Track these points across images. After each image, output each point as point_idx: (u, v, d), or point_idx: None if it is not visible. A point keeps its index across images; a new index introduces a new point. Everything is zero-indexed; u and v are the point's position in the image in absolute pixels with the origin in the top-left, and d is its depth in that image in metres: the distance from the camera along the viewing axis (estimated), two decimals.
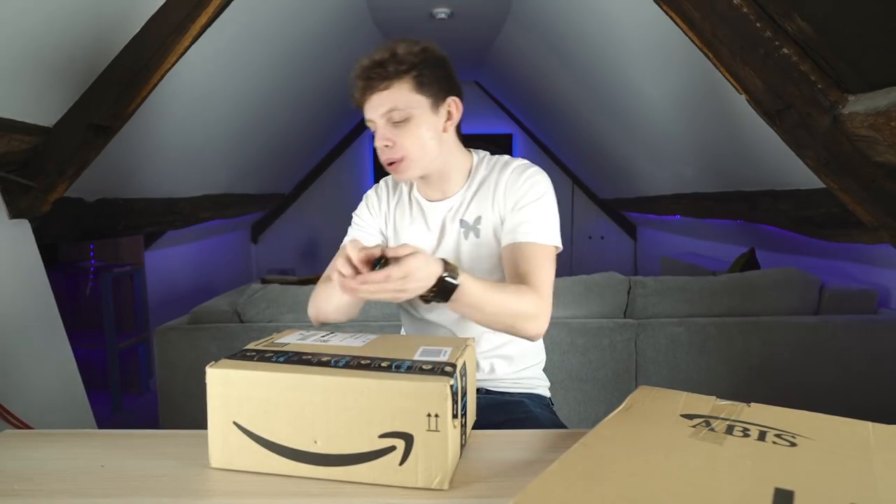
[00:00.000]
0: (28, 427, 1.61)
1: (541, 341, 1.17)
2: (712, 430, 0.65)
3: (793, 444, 0.61)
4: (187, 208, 3.29)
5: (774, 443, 0.62)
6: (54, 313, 1.95)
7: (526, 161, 1.07)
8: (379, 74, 0.96)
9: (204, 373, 0.71)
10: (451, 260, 1.04)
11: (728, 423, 0.67)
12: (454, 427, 0.67)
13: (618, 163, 4.04)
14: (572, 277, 2.12)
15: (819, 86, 1.41)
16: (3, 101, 1.55)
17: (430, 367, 0.70)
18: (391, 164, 1.01)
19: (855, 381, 2.02)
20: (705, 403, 0.74)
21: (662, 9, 1.55)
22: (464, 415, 0.74)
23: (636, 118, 3.06)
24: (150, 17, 1.70)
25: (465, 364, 0.76)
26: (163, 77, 1.81)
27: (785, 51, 1.39)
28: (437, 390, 0.65)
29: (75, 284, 3.22)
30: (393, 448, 0.66)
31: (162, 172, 2.77)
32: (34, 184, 1.80)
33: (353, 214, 1.17)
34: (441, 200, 1.08)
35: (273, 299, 2.07)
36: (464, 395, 0.74)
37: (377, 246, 0.82)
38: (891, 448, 0.61)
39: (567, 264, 5.66)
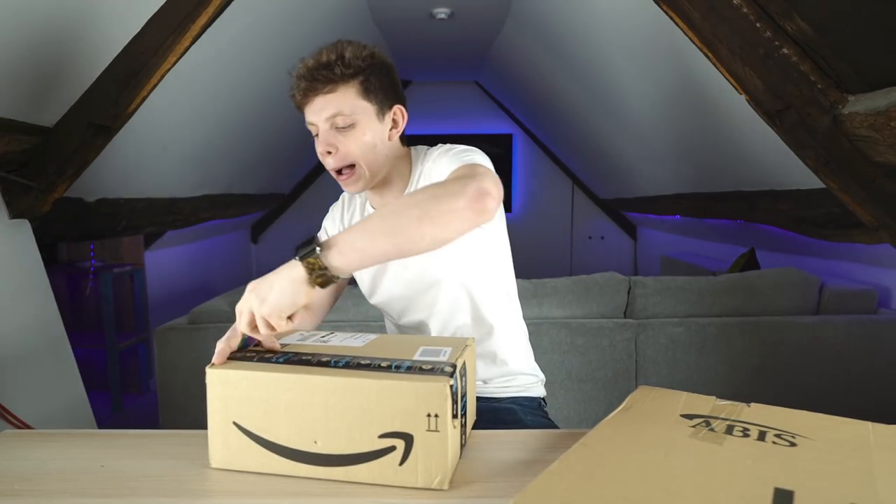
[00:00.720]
0: (28, 427, 1.61)
1: (521, 326, 1.14)
2: (712, 430, 0.65)
3: (793, 444, 0.61)
4: (187, 208, 3.29)
5: (774, 443, 0.62)
6: (54, 313, 1.95)
7: (448, 146, 1.04)
8: (325, 76, 0.93)
9: (204, 373, 0.71)
10: (408, 267, 1.04)
11: (728, 423, 0.67)
12: (454, 427, 0.67)
13: (618, 163, 4.04)
14: (572, 277, 2.12)
15: (819, 86, 1.41)
16: (4, 102, 1.55)
17: (429, 367, 0.70)
18: (341, 173, 0.98)
19: (855, 381, 2.02)
20: (705, 403, 0.74)
21: (662, 9, 1.55)
22: (464, 415, 0.74)
23: (636, 118, 3.06)
24: (150, 17, 1.70)
25: (464, 364, 0.75)
26: (163, 77, 1.81)
27: (785, 51, 1.39)
28: (436, 390, 0.65)
29: (75, 284, 3.22)
30: (393, 448, 0.66)
31: (162, 172, 2.77)
32: (34, 184, 1.81)
33: (322, 227, 1.19)
34: None
35: None
36: (463, 395, 0.74)
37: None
38: (891, 448, 0.61)
39: (567, 264, 5.66)
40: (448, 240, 0.78)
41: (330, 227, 1.18)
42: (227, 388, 0.71)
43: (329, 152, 0.96)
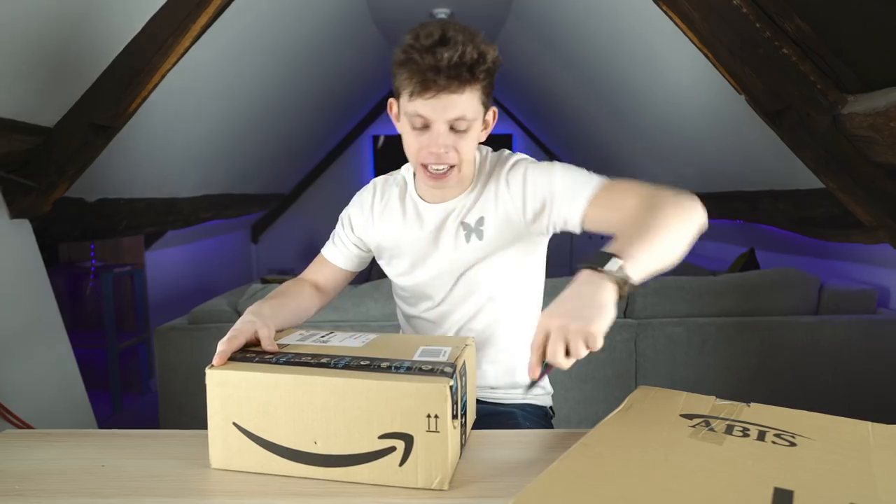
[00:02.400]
0: (29, 427, 1.62)
1: None
2: (712, 429, 0.65)
3: (792, 444, 0.61)
4: (188, 208, 3.29)
5: (774, 442, 0.62)
6: (55, 313, 1.95)
7: (520, 155, 1.04)
8: (460, 76, 0.84)
9: (204, 373, 0.71)
10: (445, 260, 1.02)
11: (728, 422, 0.67)
12: (454, 427, 0.67)
13: (618, 163, 4.04)
14: (572, 277, 2.12)
15: (818, 86, 1.41)
16: (4, 102, 1.55)
17: (429, 367, 0.70)
18: (438, 172, 0.93)
19: (854, 381, 2.02)
20: (705, 403, 0.74)
21: (662, 9, 1.55)
22: (463, 415, 0.74)
23: (636, 118, 3.06)
24: (150, 17, 1.70)
25: (464, 364, 0.76)
26: (163, 77, 1.82)
27: (784, 51, 1.39)
28: (436, 391, 0.65)
29: (76, 284, 3.22)
30: (393, 449, 0.66)
31: (162, 172, 2.77)
32: (35, 184, 1.81)
33: (339, 218, 1.14)
34: (441, 203, 1.03)
35: None
36: (463, 395, 0.74)
37: None
38: (890, 448, 0.61)
39: (567, 264, 5.66)
40: None
41: (356, 216, 1.10)
42: (227, 389, 0.71)
43: (445, 152, 0.91)
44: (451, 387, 0.65)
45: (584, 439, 0.63)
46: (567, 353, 0.66)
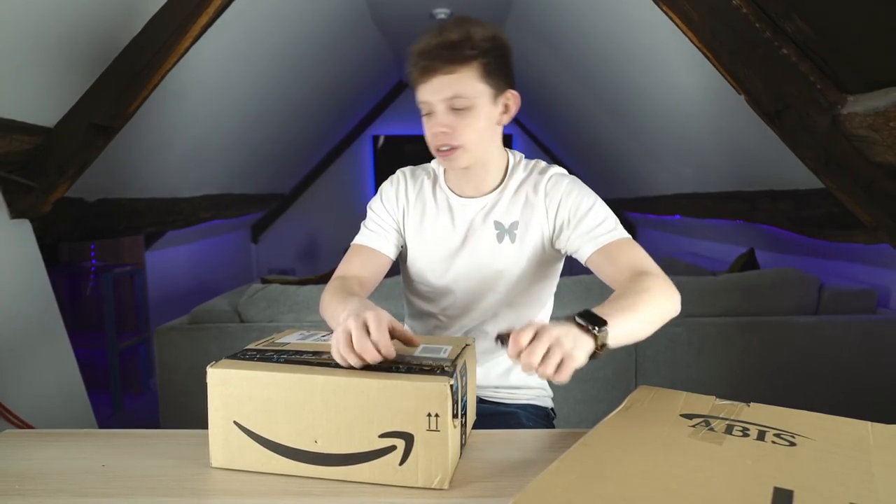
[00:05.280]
0: (29, 426, 1.62)
1: None
2: (712, 429, 0.65)
3: (792, 444, 0.61)
4: (188, 208, 3.29)
5: (774, 442, 0.62)
6: (55, 313, 1.95)
7: (561, 169, 1.04)
8: (449, 56, 0.89)
9: (204, 373, 0.71)
10: (475, 259, 1.02)
11: (727, 422, 0.67)
12: (454, 427, 0.67)
13: (618, 163, 4.04)
14: (572, 277, 2.12)
15: (818, 86, 1.41)
16: (5, 102, 1.55)
17: (429, 366, 0.70)
18: (443, 150, 0.95)
19: (854, 381, 2.02)
20: (705, 403, 0.74)
21: (662, 9, 1.55)
22: (464, 414, 0.74)
23: (636, 118, 3.06)
24: (151, 17, 1.70)
25: (465, 364, 0.76)
26: (164, 77, 1.82)
27: (784, 51, 1.39)
28: (437, 390, 0.65)
29: (76, 284, 3.22)
30: (393, 448, 0.66)
31: (162, 172, 2.77)
32: (35, 184, 1.81)
33: (368, 207, 1.10)
34: (473, 198, 1.03)
35: (273, 299, 2.07)
36: (464, 394, 0.74)
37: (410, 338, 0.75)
38: (890, 448, 0.61)
39: (567, 264, 5.65)
40: None
41: (391, 200, 1.07)
42: (228, 388, 0.71)
43: (445, 132, 0.93)
44: (451, 386, 0.65)
45: (584, 439, 0.63)
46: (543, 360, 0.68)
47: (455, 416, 0.67)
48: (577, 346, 0.68)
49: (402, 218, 1.07)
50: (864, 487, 0.52)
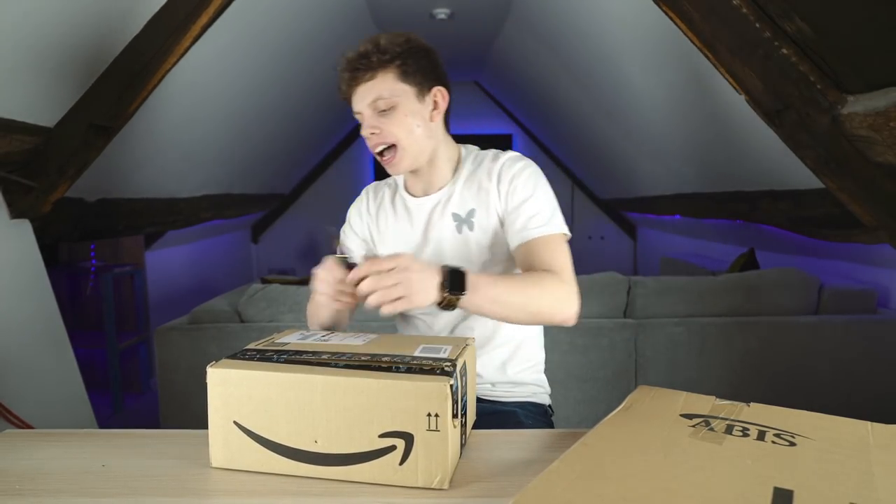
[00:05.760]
0: (29, 426, 1.62)
1: (540, 342, 1.16)
2: (712, 429, 0.65)
3: (792, 444, 0.61)
4: (188, 208, 3.29)
5: (774, 442, 0.62)
6: (55, 313, 1.95)
7: (516, 154, 1.06)
8: (364, 65, 0.97)
9: (204, 372, 0.71)
10: (440, 253, 1.05)
11: (727, 422, 0.67)
12: (454, 427, 0.67)
13: (618, 163, 4.04)
14: None
15: (818, 86, 1.41)
16: (5, 102, 1.55)
17: (429, 366, 0.70)
18: (383, 155, 1.01)
19: (854, 381, 2.03)
20: (705, 403, 0.74)
21: (662, 9, 1.55)
22: (464, 414, 0.74)
23: (636, 118, 3.06)
24: (151, 17, 1.70)
25: (465, 363, 0.76)
26: (163, 77, 1.82)
27: (784, 51, 1.40)
28: (437, 390, 0.65)
29: (76, 284, 3.22)
30: (393, 448, 0.66)
31: (162, 172, 2.77)
32: (35, 184, 1.81)
33: (341, 231, 1.19)
34: (427, 196, 1.08)
35: (273, 299, 2.07)
36: (464, 394, 0.74)
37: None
38: (890, 448, 0.61)
39: None
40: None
41: (357, 222, 1.17)
42: (228, 387, 0.71)
43: (374, 133, 0.99)
44: (451, 386, 0.65)
45: (584, 439, 0.63)
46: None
47: (455, 416, 0.67)
48: (420, 291, 0.77)
49: (369, 234, 1.15)
50: (864, 487, 0.52)
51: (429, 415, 0.65)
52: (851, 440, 0.63)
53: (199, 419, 0.74)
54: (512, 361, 1.09)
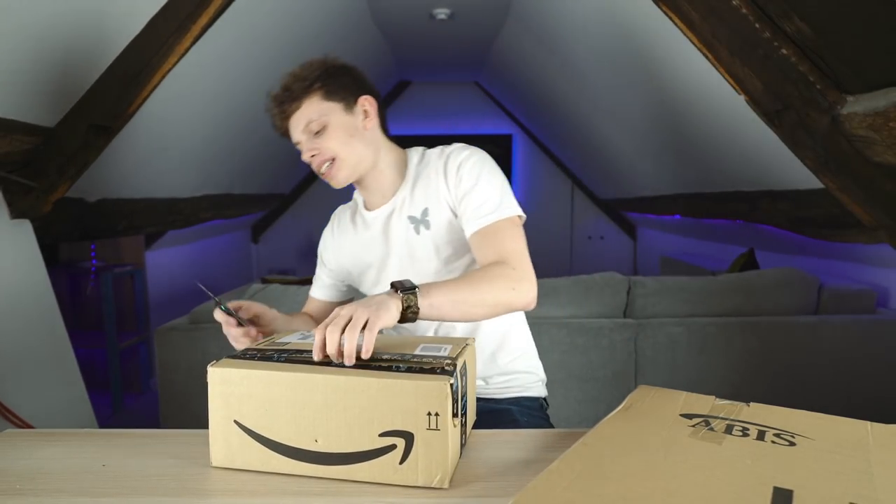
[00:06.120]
0: (29, 426, 1.62)
1: (525, 326, 1.15)
2: (711, 429, 0.65)
3: (792, 444, 0.61)
4: (188, 208, 3.29)
5: (773, 442, 0.62)
6: (55, 313, 1.95)
7: (461, 144, 1.07)
8: (288, 97, 1.02)
9: (204, 372, 0.71)
10: (404, 257, 1.07)
11: (727, 422, 0.67)
12: (454, 426, 0.67)
13: (618, 163, 4.04)
14: (572, 277, 2.12)
15: (818, 86, 1.41)
16: (5, 102, 1.55)
17: (429, 364, 0.70)
18: (323, 171, 1.04)
19: (854, 381, 2.03)
20: (704, 403, 0.74)
21: (662, 9, 1.55)
22: (464, 414, 0.74)
23: (636, 118, 3.06)
24: (151, 17, 1.70)
25: (465, 363, 0.76)
26: (164, 77, 1.82)
27: (784, 51, 1.40)
28: (437, 389, 0.65)
29: (76, 284, 3.22)
30: (393, 447, 0.66)
31: (163, 172, 2.77)
32: (35, 184, 1.81)
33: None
34: (381, 206, 1.10)
35: (274, 299, 2.07)
36: (464, 394, 0.74)
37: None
38: (889, 447, 0.61)
39: (567, 264, 5.66)
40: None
41: (323, 249, 1.22)
42: (229, 387, 0.71)
43: (313, 155, 1.03)
44: (451, 385, 0.65)
45: (584, 439, 0.63)
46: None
47: (455, 415, 0.67)
48: (379, 307, 0.76)
49: (333, 259, 1.19)
50: (864, 487, 0.52)
51: (429, 414, 0.65)
52: (851, 440, 0.63)
53: (199, 419, 0.74)
54: (501, 351, 1.09)
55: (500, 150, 5.46)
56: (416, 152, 1.12)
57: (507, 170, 5.53)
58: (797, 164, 1.73)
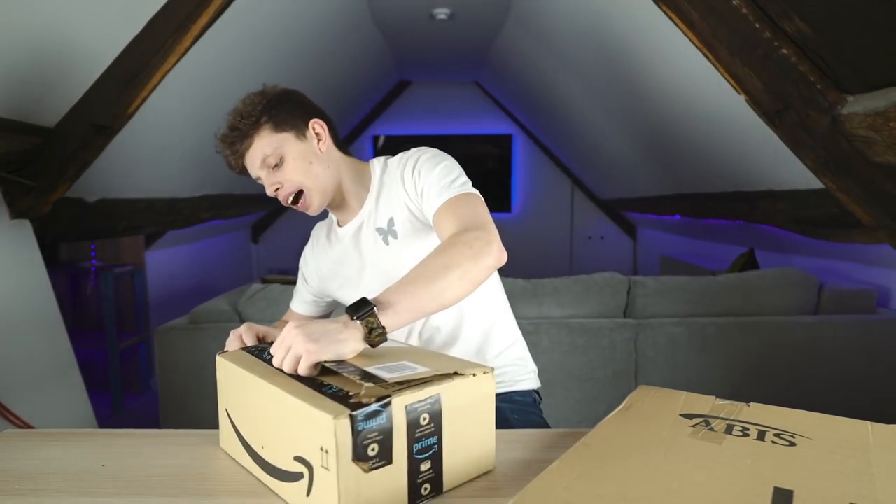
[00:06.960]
0: (29, 426, 1.62)
1: (510, 317, 1.14)
2: (712, 429, 0.65)
3: (792, 444, 0.61)
4: (188, 208, 3.29)
5: (774, 442, 0.62)
6: (55, 313, 1.95)
7: (421, 147, 1.07)
8: (237, 136, 1.01)
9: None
10: (377, 270, 1.06)
11: (727, 422, 0.67)
12: (361, 470, 0.54)
13: (618, 163, 4.04)
14: (572, 277, 2.12)
15: (818, 86, 1.41)
16: (4, 102, 1.55)
17: (356, 388, 0.59)
18: (294, 202, 1.03)
19: (854, 381, 2.03)
20: (705, 403, 0.74)
21: (662, 9, 1.55)
22: (432, 462, 0.61)
23: (636, 118, 3.06)
24: (151, 17, 1.70)
25: (438, 401, 0.60)
26: (163, 77, 1.82)
27: (784, 51, 1.40)
28: (323, 421, 0.53)
29: (76, 284, 3.22)
30: (301, 475, 0.58)
31: (162, 172, 2.77)
32: (35, 184, 1.81)
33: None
34: (351, 221, 1.10)
35: (273, 299, 2.07)
36: (428, 440, 0.60)
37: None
38: (889, 448, 0.61)
39: (567, 264, 5.66)
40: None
41: (304, 266, 1.21)
42: (223, 377, 0.75)
43: (277, 189, 1.02)
44: (353, 417, 0.53)
45: (584, 439, 0.63)
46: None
47: (363, 459, 0.54)
48: (326, 341, 0.67)
49: (314, 276, 1.19)
50: (864, 487, 0.52)
51: (321, 448, 0.55)
52: (851, 440, 0.63)
53: (199, 419, 0.75)
54: (488, 345, 1.08)
55: (500, 150, 5.46)
56: (378, 163, 1.12)
57: (507, 170, 5.56)
58: (797, 164, 1.72)
